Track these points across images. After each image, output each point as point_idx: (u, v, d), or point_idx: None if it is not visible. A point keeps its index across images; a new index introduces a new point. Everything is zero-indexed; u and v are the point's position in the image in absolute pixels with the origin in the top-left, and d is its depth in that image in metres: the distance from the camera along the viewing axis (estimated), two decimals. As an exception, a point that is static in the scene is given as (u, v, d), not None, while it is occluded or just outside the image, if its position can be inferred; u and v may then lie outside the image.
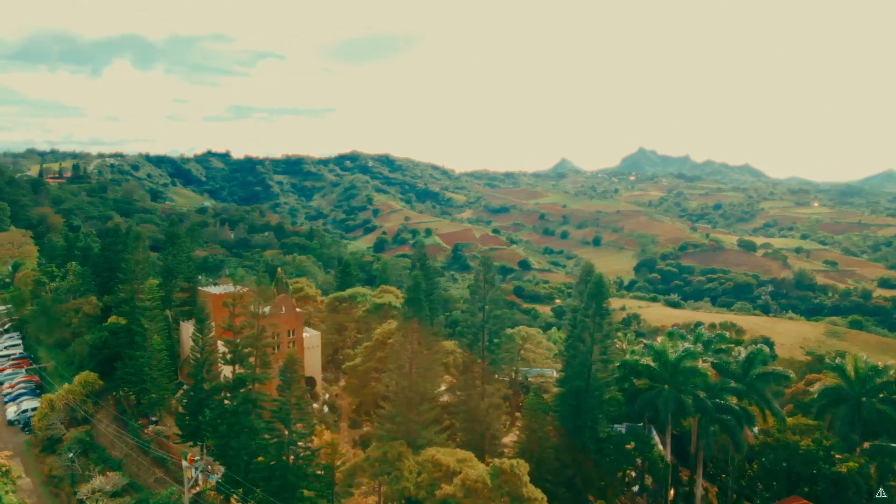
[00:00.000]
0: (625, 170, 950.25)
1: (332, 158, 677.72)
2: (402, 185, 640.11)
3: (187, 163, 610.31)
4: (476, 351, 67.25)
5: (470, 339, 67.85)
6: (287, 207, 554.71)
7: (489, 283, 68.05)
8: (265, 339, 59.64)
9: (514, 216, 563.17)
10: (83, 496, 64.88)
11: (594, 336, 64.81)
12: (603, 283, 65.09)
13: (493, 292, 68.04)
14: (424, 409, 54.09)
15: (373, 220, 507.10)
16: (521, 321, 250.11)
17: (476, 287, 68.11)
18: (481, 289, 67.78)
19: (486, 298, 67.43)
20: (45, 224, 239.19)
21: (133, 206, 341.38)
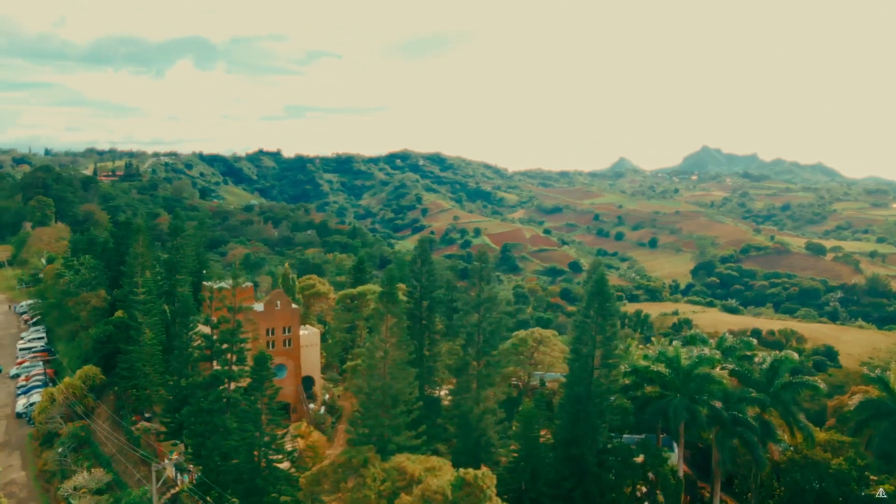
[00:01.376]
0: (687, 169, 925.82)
1: (383, 157, 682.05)
2: (453, 185, 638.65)
3: (239, 161, 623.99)
4: (471, 353, 64.24)
5: (464, 340, 64.91)
6: (336, 206, 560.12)
7: (485, 281, 64.97)
8: (243, 334, 58.13)
9: (567, 216, 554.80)
10: (64, 492, 64.85)
11: (595, 339, 61.01)
12: (605, 281, 61.15)
13: (490, 290, 64.92)
14: (397, 412, 51.44)
15: (421, 220, 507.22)
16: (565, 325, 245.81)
17: (471, 284, 65.13)
18: (476, 286, 64.75)
19: (482, 297, 64.33)
20: (91, 220, 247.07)
21: (181, 204, 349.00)
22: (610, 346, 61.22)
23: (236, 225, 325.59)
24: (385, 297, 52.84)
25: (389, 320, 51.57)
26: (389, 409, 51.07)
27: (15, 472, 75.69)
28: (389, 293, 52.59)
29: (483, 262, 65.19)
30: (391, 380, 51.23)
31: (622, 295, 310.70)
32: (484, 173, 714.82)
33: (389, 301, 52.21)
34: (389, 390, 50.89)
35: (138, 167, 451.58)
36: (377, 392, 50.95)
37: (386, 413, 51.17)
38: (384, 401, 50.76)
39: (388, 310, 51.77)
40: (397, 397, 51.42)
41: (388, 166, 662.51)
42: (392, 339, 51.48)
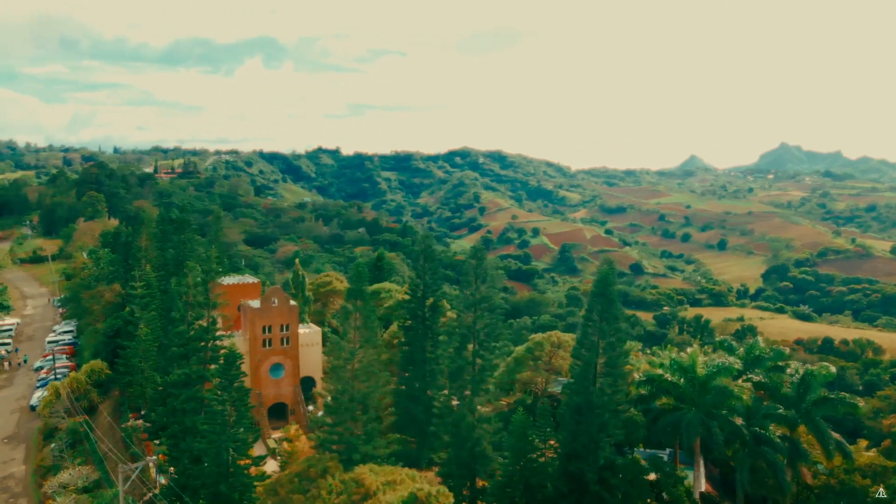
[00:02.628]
0: (763, 167, 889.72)
1: (442, 155, 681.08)
2: (513, 183, 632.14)
3: (298, 159, 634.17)
4: (465, 356, 60.65)
5: (458, 343, 61.36)
6: (393, 205, 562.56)
7: (480, 279, 61.27)
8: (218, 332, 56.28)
9: (631, 216, 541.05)
10: (48, 488, 64.63)
11: (598, 345, 56.56)
12: (609, 280, 56.59)
13: (486, 289, 61.20)
14: (365, 418, 48.43)
15: (478, 219, 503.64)
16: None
17: (466, 283, 61.55)
18: (471, 285, 61.15)
19: (477, 296, 60.68)
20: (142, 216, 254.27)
21: (237, 201, 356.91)
22: (614, 353, 56.64)
23: (288, 222, 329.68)
24: (352, 293, 49.89)
25: (356, 319, 48.60)
26: (357, 415, 48.08)
27: (15, 466, 76.37)
28: (357, 289, 49.61)
29: (479, 258, 61.47)
30: (359, 384, 48.26)
31: (683, 299, 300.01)
32: (546, 171, 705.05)
33: (356, 297, 49.22)
34: (357, 395, 47.90)
35: (196, 165, 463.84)
36: (343, 397, 48.06)
37: (353, 420, 48.21)
38: (350, 406, 47.80)
39: (354, 307, 48.79)
40: (366, 403, 48.43)
41: (448, 164, 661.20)
42: (360, 338, 48.47)
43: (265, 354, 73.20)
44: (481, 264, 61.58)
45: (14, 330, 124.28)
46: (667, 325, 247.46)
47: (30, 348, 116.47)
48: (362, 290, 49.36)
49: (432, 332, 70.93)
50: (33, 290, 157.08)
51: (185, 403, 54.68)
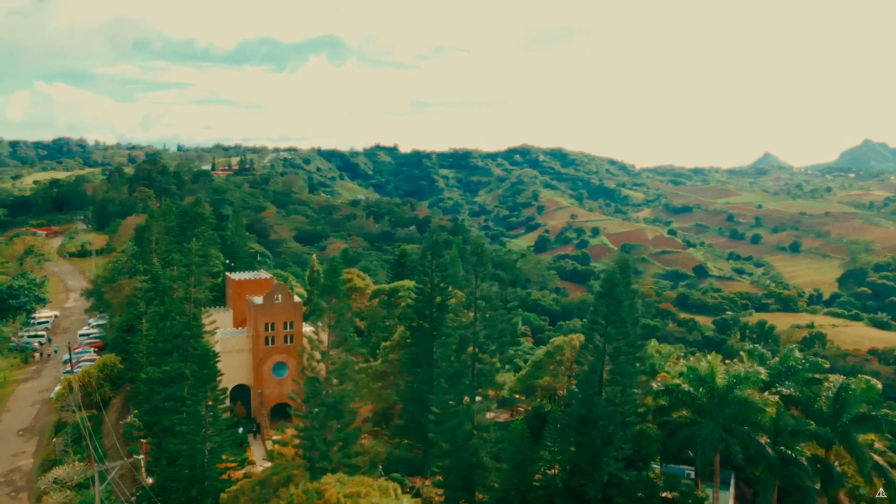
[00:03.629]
0: (844, 165, 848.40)
1: (501, 152, 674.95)
2: (574, 181, 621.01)
3: (356, 157, 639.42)
4: (463, 360, 57.41)
5: (456, 345, 58.13)
6: (450, 203, 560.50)
7: (480, 278, 57.96)
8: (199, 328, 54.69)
9: (697, 216, 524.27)
10: (41, 483, 64.55)
11: (604, 350, 52.52)
12: (616, 280, 52.46)
13: (486, 288, 57.88)
14: (338, 424, 45.79)
15: (536, 218, 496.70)
16: (675, 333, 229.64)
17: (466, 281, 58.33)
18: (471, 283, 57.89)
19: (476, 295, 57.40)
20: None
21: (290, 198, 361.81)
22: (621, 359, 52.47)
23: (339, 219, 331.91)
24: (325, 289, 47.27)
25: (329, 317, 46.03)
26: (328, 420, 45.51)
27: (24, 459, 77.05)
28: (331, 286, 46.97)
29: (480, 255, 58.18)
30: (331, 387, 45.68)
31: (747, 303, 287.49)
32: (608, 169, 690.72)
33: (329, 294, 46.59)
34: (328, 399, 45.33)
35: (253, 162, 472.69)
36: (314, 401, 45.56)
37: (324, 425, 45.66)
38: (320, 411, 45.24)
39: (328, 305, 46.20)
40: (339, 407, 45.78)
41: (507, 162, 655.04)
42: (333, 338, 45.87)
43: (268, 352, 71.67)
44: (481, 260, 58.31)
45: (51, 323, 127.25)
46: (727, 331, 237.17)
47: (64, 341, 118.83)
48: (336, 286, 46.74)
49: (439, 333, 68.15)
50: (78, 283, 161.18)
51: (164, 402, 53.31)
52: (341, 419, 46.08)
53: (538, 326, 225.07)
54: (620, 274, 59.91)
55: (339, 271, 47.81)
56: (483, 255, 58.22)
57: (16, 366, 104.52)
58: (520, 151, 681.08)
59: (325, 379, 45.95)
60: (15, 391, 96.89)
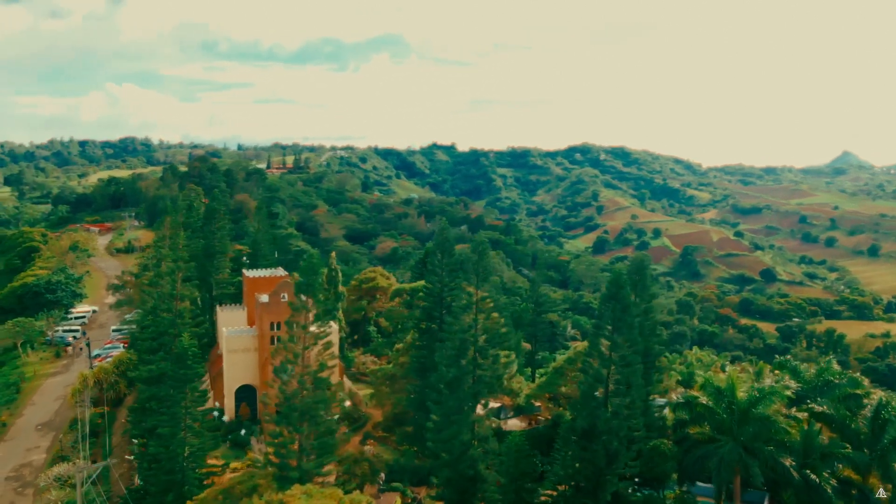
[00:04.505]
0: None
1: (561, 151, 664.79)
2: (637, 181, 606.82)
3: (412, 155, 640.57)
4: (463, 366, 54.49)
5: (456, 350, 55.24)
6: (508, 202, 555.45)
7: (482, 278, 54.95)
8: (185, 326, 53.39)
9: (766, 218, 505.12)
10: (41, 480, 64.53)
11: (609, 359, 48.83)
12: (622, 282, 48.70)
13: (487, 289, 54.85)
14: (309, 431, 43.53)
15: (595, 218, 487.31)
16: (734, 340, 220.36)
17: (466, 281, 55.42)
18: (471, 284, 54.95)
19: (475, 297, 54.46)
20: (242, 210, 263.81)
21: (343, 196, 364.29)
22: (629, 368, 48.67)
23: (390, 218, 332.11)
24: (300, 287, 45.09)
25: (304, 317, 43.80)
26: (300, 426, 43.31)
27: (37, 454, 77.67)
28: (306, 283, 44.76)
29: (481, 253, 55.17)
30: (304, 391, 43.47)
31: (816, 310, 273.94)
32: (673, 168, 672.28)
33: (304, 293, 44.38)
34: (299, 404, 43.13)
35: (308, 160, 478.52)
36: (284, 406, 43.45)
37: (295, 431, 43.48)
38: (292, 417, 43.07)
39: (301, 304, 43.98)
40: (312, 413, 43.51)
41: (566, 160, 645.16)
42: (308, 340, 43.66)
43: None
44: (482, 260, 55.32)
45: (88, 318, 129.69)
46: (792, 339, 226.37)
47: (99, 336, 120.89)
48: (312, 284, 44.55)
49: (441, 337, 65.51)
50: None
51: (148, 402, 52.18)
52: (315, 426, 43.78)
53: (589, 330, 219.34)
54: (636, 275, 56.15)
55: (316, 269, 45.63)
56: (484, 254, 55.26)
57: (46, 360, 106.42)
58: (580, 150, 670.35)
59: (299, 383, 43.78)
60: (42, 385, 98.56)
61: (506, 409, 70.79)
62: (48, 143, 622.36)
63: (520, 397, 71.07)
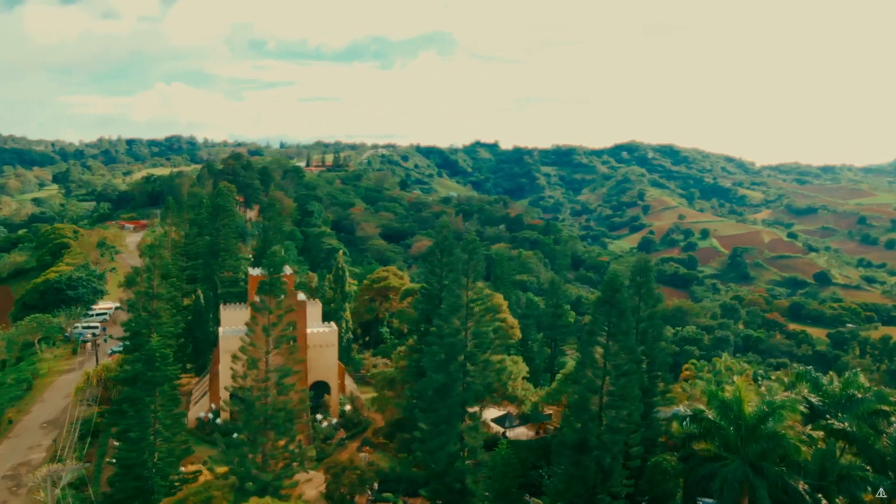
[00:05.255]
0: None
1: (607, 149, 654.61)
2: (686, 180, 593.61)
3: (455, 153, 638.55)
4: (450, 372, 51.78)
5: (443, 358, 52.51)
6: (551, 202, 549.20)
7: (472, 278, 52.11)
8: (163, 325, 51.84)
9: (823, 219, 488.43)
10: (29, 481, 63.86)
11: (604, 367, 45.55)
12: (618, 285, 45.40)
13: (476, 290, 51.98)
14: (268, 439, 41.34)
15: (641, 218, 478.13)
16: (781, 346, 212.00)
17: (455, 282, 52.59)
18: (461, 285, 52.13)
19: (466, 298, 51.63)
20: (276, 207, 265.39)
21: (381, 194, 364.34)
22: (624, 378, 45.30)
23: (428, 217, 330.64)
24: (263, 287, 42.87)
25: (266, 317, 41.60)
26: (262, 434, 41.15)
27: (37, 453, 77.45)
28: (269, 284, 42.55)
29: (471, 252, 52.30)
30: (264, 397, 41.29)
31: (872, 315, 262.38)
32: (724, 167, 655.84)
33: (268, 292, 42.16)
34: (259, 411, 40.97)
35: (348, 158, 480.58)
36: (244, 413, 41.34)
37: (255, 440, 41.33)
38: (251, 425, 40.94)
39: (263, 305, 41.80)
40: (275, 421, 41.32)
41: (613, 159, 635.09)
42: (270, 342, 41.47)
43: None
44: (472, 259, 52.45)
45: (110, 315, 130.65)
46: (844, 346, 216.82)
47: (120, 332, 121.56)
48: (274, 284, 42.33)
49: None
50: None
51: (122, 403, 50.77)
52: (279, 435, 41.58)
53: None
54: (641, 277, 52.67)
55: (278, 267, 43.38)
56: (475, 252, 52.40)
57: (61, 357, 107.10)
58: (627, 148, 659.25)
59: (260, 389, 41.64)
60: (54, 382, 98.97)
61: (511, 418, 67.73)
62: (97, 142, 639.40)
63: (524, 405, 67.95)
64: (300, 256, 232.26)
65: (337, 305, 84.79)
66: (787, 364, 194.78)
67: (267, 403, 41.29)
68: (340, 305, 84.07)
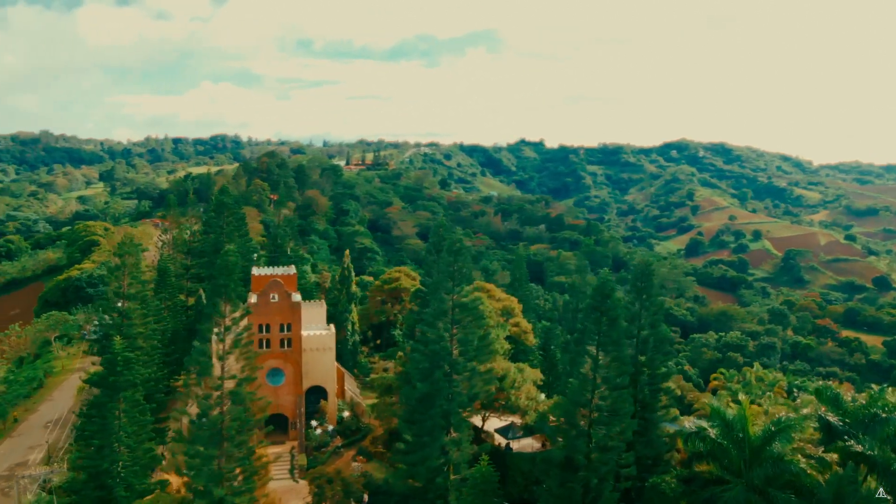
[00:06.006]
0: None
1: (656, 148, 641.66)
2: (738, 179, 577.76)
3: (499, 152, 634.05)
4: (434, 381, 48.99)
5: (427, 366, 49.77)
6: (597, 201, 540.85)
7: (457, 282, 49.21)
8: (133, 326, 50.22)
9: (885, 220, 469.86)
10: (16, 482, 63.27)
11: (593, 380, 42.24)
12: (608, 291, 41.98)
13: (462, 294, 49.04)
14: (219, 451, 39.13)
15: (690, 219, 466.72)
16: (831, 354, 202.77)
17: (439, 286, 49.78)
18: (446, 289, 49.30)
19: (450, 302, 48.76)
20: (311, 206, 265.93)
21: (420, 194, 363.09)
22: (614, 392, 41.94)
23: (466, 216, 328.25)
24: (216, 289, 40.66)
25: (221, 322, 39.41)
26: (219, 446, 38.99)
27: (37, 452, 76.94)
28: (223, 286, 40.31)
29: (456, 253, 49.40)
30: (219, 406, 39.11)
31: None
32: (780, 166, 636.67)
33: (220, 295, 39.95)
34: (213, 420, 38.79)
35: (387, 157, 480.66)
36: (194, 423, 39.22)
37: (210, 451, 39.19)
38: (204, 433, 38.81)
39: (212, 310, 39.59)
40: (229, 431, 39.11)
41: (661, 158, 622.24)
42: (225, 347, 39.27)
43: (262, 357, 66.49)
44: (458, 261, 49.55)
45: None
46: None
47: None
48: (228, 286, 40.11)
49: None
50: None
51: (89, 409, 49.28)
52: (233, 448, 39.36)
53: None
54: (642, 282, 49.01)
55: (231, 269, 41.08)
56: (461, 253, 49.47)
57: (75, 355, 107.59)
58: (676, 146, 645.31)
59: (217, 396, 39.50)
60: (66, 380, 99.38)
61: (515, 429, 64.48)
62: (144, 141, 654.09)
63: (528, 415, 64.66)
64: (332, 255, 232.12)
65: (342, 307, 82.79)
66: (838, 374, 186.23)
67: (223, 413, 39.19)
68: (346, 307, 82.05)
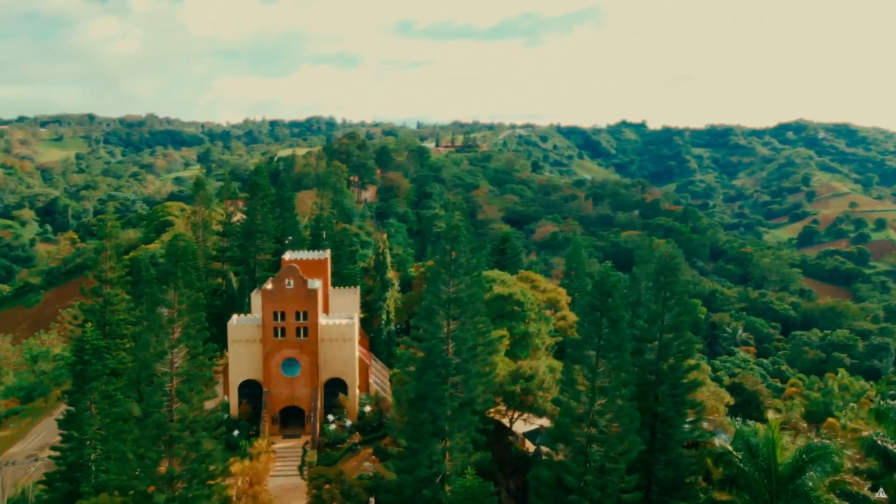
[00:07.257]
0: None
1: (770, 129, 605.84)
2: (863, 163, 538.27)
3: (598, 134, 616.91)
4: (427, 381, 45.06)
5: (423, 362, 45.93)
6: (702, 186, 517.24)
7: (453, 273, 45.00)
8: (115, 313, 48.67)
9: None
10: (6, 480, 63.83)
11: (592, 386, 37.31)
12: (608, 287, 36.83)
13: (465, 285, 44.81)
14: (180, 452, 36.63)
15: (804, 206, 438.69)
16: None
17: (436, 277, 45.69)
18: (440, 278, 45.18)
19: (448, 294, 44.64)
20: (393, 189, 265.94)
21: (510, 177, 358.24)
22: (615, 405, 36.85)
23: (556, 201, 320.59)
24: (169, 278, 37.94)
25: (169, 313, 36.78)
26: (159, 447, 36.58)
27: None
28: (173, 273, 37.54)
29: (453, 241, 45.12)
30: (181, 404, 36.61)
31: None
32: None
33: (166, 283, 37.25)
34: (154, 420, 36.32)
35: (475, 139, 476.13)
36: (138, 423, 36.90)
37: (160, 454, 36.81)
38: (146, 435, 36.43)
39: (159, 297, 36.93)
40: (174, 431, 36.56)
41: (775, 140, 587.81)
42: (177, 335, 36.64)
43: (277, 345, 64.68)
44: (458, 247, 45.27)
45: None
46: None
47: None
48: (177, 273, 37.33)
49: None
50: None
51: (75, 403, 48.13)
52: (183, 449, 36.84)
53: (765, 335, 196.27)
54: (665, 276, 43.31)
55: (182, 254, 38.31)
56: (458, 240, 45.12)
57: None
58: (793, 128, 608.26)
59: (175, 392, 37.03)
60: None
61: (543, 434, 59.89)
62: (242, 123, 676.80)
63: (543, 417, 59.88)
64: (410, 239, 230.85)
65: (376, 295, 79.92)
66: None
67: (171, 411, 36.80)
68: (380, 294, 79.15)
